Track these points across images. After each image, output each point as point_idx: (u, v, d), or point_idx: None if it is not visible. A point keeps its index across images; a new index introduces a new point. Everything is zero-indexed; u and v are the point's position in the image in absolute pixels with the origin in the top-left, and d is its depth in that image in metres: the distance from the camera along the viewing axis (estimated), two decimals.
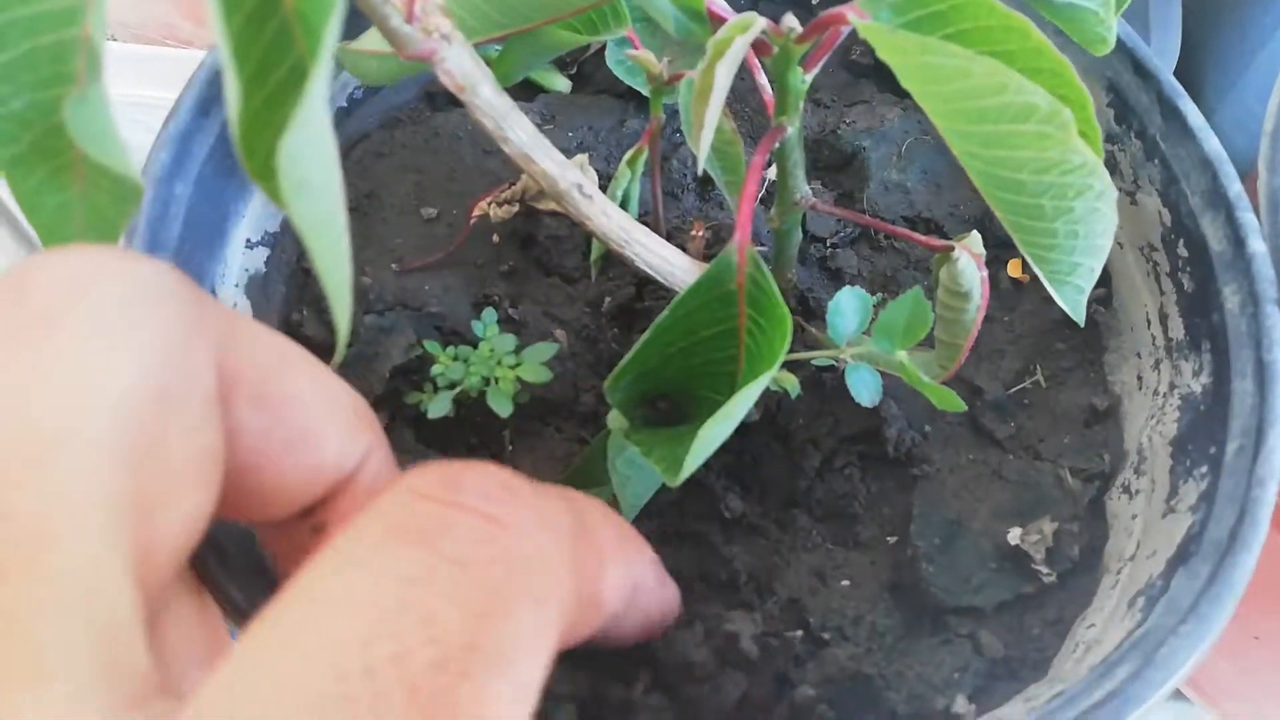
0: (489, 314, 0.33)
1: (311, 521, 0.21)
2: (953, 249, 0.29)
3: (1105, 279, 0.35)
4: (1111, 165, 0.34)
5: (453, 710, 0.14)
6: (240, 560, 0.25)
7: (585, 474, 0.31)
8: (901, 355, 0.30)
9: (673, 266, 0.31)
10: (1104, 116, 0.35)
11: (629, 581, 0.22)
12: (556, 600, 0.17)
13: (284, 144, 0.17)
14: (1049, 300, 0.36)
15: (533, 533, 0.17)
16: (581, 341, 0.34)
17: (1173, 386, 0.32)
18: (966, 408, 0.29)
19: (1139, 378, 0.33)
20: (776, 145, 0.29)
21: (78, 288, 0.17)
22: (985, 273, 0.29)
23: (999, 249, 0.36)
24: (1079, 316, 0.28)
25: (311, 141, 0.18)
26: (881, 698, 0.27)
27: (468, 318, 0.34)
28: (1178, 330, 0.32)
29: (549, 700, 0.27)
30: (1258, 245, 0.29)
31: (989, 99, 0.24)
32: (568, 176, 0.29)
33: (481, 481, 0.17)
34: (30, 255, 0.19)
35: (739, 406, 0.24)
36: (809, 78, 0.27)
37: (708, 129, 0.27)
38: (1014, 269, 0.36)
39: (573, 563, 0.18)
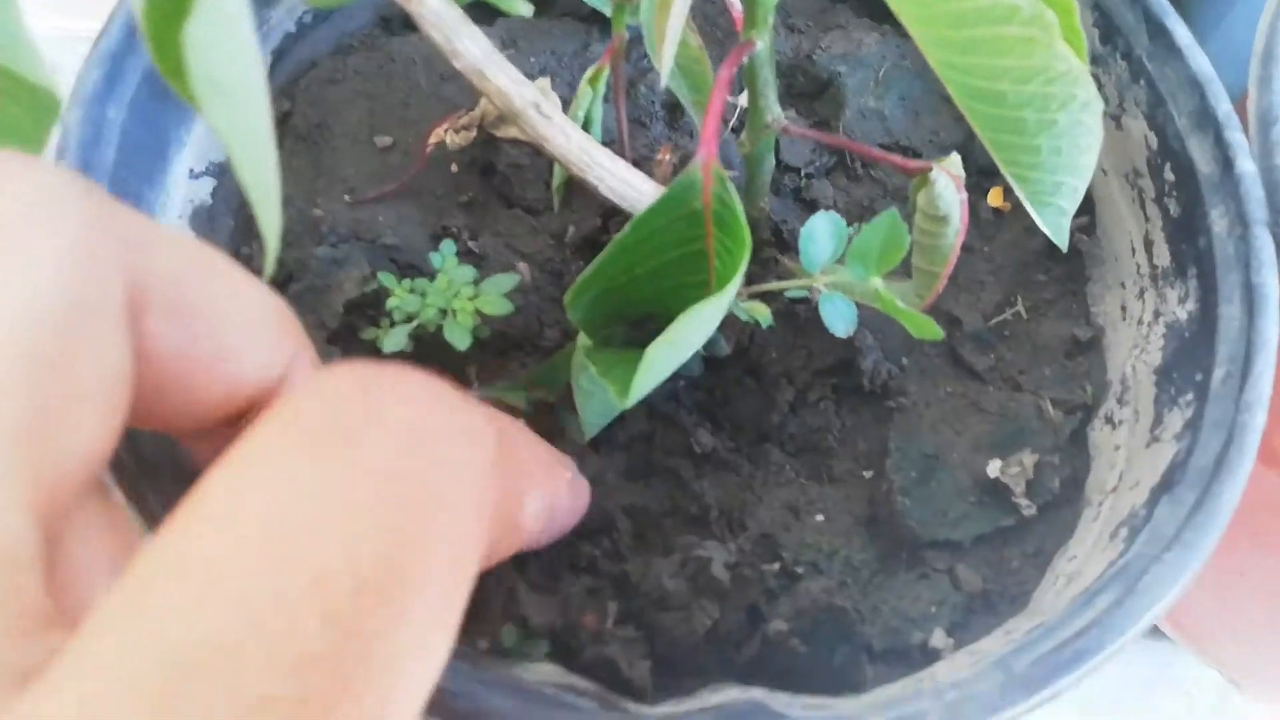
0: (447, 245, 0.32)
1: (238, 430, 0.20)
2: (930, 170, 0.28)
3: (1089, 207, 0.34)
4: (1096, 88, 0.33)
5: (369, 639, 0.13)
6: (160, 464, 0.23)
7: (543, 378, 0.30)
8: (877, 282, 0.29)
9: (639, 193, 0.30)
10: (1089, 36, 0.33)
11: (548, 506, 0.22)
12: (480, 520, 0.16)
13: (188, 32, 0.16)
14: (1030, 230, 0.35)
15: (458, 446, 0.16)
16: (545, 275, 0.33)
17: (1157, 315, 0.30)
18: (944, 336, 0.28)
19: (1123, 307, 0.32)
20: (745, 61, 0.28)
21: None
22: (964, 196, 0.28)
23: (979, 176, 0.35)
24: (1062, 240, 0.27)
25: (221, 31, 0.17)
26: (856, 632, 0.26)
27: (425, 250, 0.32)
28: (1163, 257, 0.31)
29: (523, 634, 0.26)
30: (1246, 165, 0.28)
31: (967, 0, 0.23)
32: (524, 94, 0.27)
33: (404, 386, 0.16)
34: None
35: (687, 329, 0.23)
36: None
37: (670, 41, 0.26)
38: (994, 198, 0.35)
39: (496, 482, 0.17)
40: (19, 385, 0.15)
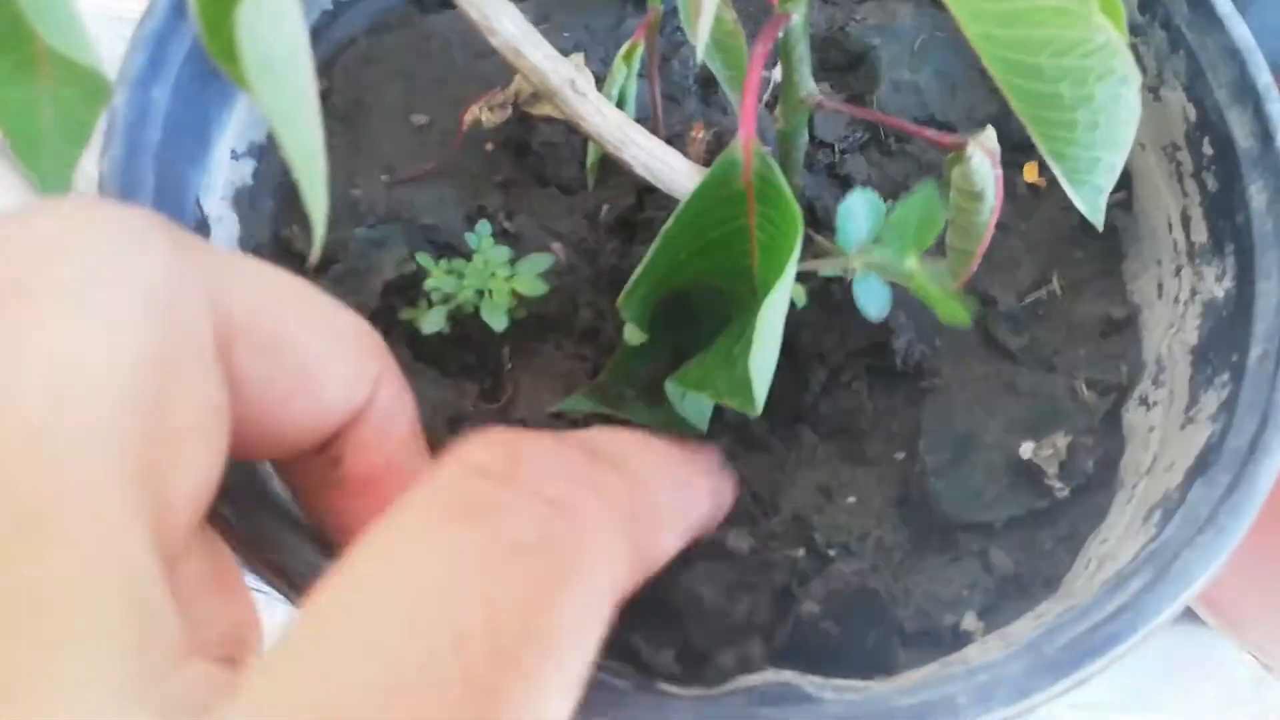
0: (483, 226, 0.32)
1: (328, 454, 0.21)
2: (965, 145, 0.27)
3: (1125, 182, 0.34)
4: (1134, 59, 0.33)
5: (505, 701, 0.14)
6: (238, 486, 0.24)
7: (602, 389, 0.30)
8: (911, 262, 0.29)
9: (673, 171, 0.30)
10: (1128, 6, 0.33)
11: (688, 530, 0.22)
12: (611, 580, 0.17)
13: (240, 15, 0.16)
14: (1067, 207, 0.35)
15: (593, 515, 0.17)
16: (580, 255, 0.33)
17: (1194, 293, 0.30)
18: (978, 317, 0.28)
19: (1159, 286, 0.32)
20: (780, 35, 0.28)
21: (57, 246, 0.16)
22: (999, 171, 0.27)
23: (1015, 152, 0.35)
24: (1097, 219, 0.27)
25: (271, 14, 0.17)
26: (887, 613, 0.27)
27: (462, 230, 0.32)
28: (1200, 234, 0.31)
29: None
30: None
31: None
32: (560, 71, 0.28)
33: (542, 460, 0.17)
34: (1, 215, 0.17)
35: (766, 326, 0.23)
36: None
37: (706, 14, 0.26)
38: (1030, 173, 0.35)
39: (632, 536, 0.18)
40: (129, 432, 0.15)
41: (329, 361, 0.20)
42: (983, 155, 0.28)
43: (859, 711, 0.21)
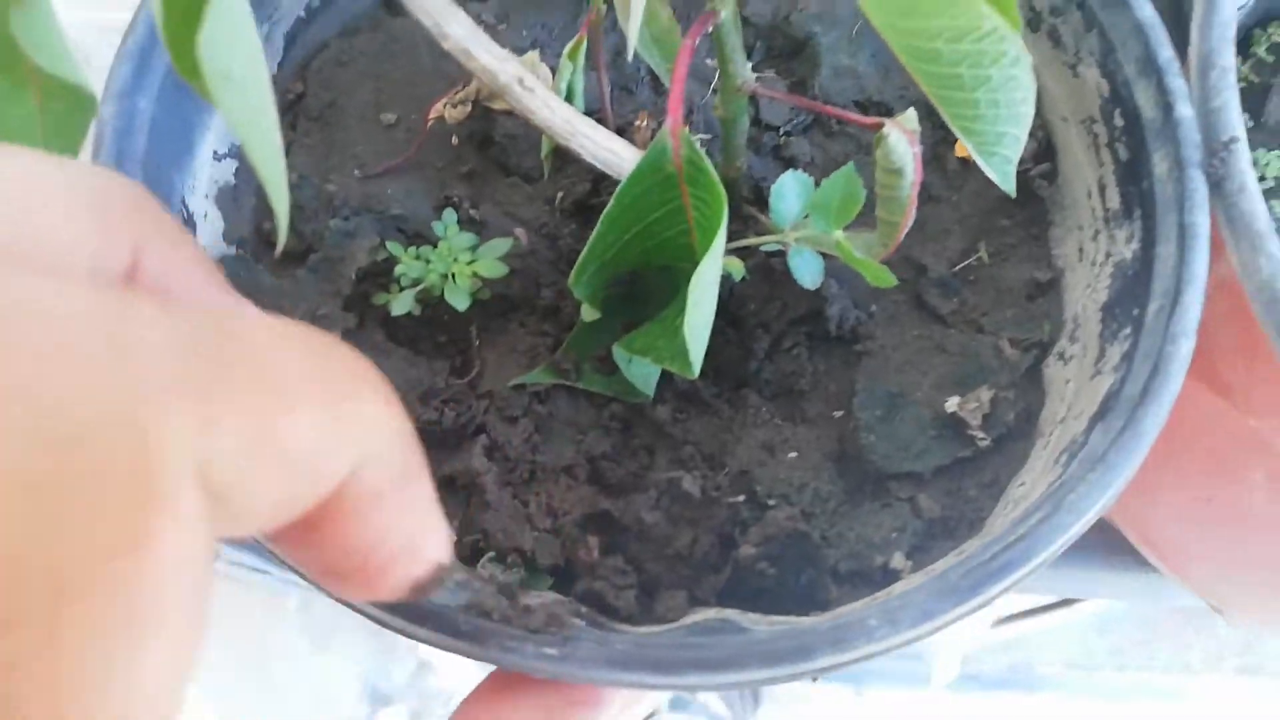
0: (449, 214, 0.35)
1: None
2: (883, 125, 0.30)
3: (1050, 154, 0.36)
4: (1055, 38, 0.35)
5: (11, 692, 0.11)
6: None
7: (560, 364, 0.32)
8: (838, 234, 0.31)
9: (620, 158, 0.32)
10: None
11: (340, 433, 0.15)
12: (162, 475, 0.12)
13: (202, 36, 0.19)
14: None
15: (93, 375, 0.12)
16: (542, 239, 0.36)
17: (1108, 255, 0.32)
18: (910, 283, 0.31)
19: (1080, 249, 0.34)
20: (711, 30, 0.30)
21: None
22: (918, 149, 0.30)
23: (946, 130, 0.37)
24: (1009, 187, 0.29)
25: (229, 32, 0.19)
26: (821, 555, 0.29)
27: (430, 219, 0.35)
28: (1114, 200, 0.33)
29: (530, 569, 0.29)
30: (1185, 110, 0.30)
31: None
32: (507, 70, 0.30)
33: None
34: None
35: (700, 292, 0.25)
36: None
37: (634, 15, 0.28)
38: (960, 149, 0.37)
39: (195, 405, 0.13)
40: None
41: (56, 250, 0.16)
42: (900, 134, 0.30)
43: (782, 635, 0.24)
